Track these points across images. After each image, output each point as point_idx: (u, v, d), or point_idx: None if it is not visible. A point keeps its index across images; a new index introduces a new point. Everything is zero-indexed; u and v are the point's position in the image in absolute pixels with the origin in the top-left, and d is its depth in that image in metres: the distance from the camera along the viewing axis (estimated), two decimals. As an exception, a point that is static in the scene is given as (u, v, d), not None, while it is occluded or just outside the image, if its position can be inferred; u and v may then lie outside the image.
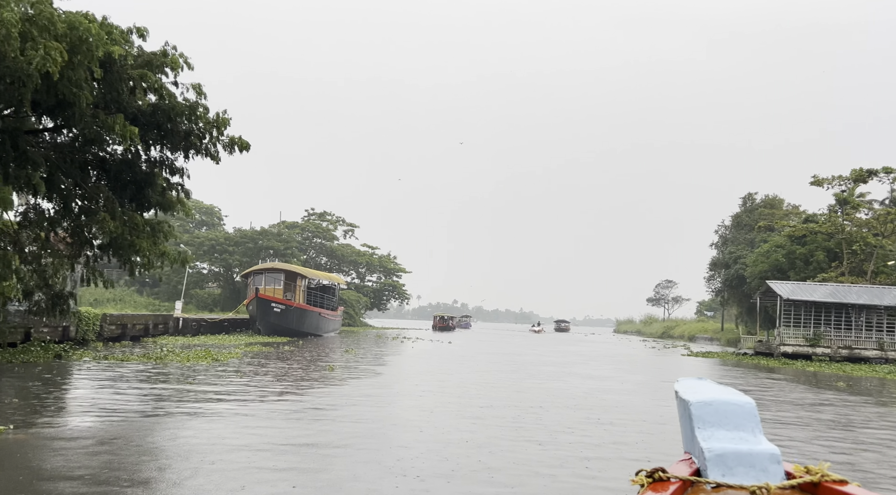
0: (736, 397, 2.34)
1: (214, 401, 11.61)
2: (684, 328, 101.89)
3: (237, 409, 10.80)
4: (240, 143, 16.26)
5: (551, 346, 43.54)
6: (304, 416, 10.40)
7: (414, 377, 17.31)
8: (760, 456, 2.07)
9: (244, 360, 20.27)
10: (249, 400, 11.90)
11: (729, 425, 2.22)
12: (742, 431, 2.20)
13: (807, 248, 49.88)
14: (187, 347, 25.40)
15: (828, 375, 25.44)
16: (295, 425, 9.62)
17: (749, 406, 2.28)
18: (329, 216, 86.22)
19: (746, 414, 2.24)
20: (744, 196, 77.90)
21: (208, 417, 9.98)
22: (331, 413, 10.81)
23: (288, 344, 31.81)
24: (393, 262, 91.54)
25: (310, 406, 11.54)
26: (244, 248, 68.33)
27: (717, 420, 2.23)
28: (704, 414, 2.24)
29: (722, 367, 28.23)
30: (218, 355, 21.13)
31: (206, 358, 19.96)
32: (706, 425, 2.22)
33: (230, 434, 8.69)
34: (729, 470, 2.08)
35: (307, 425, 9.65)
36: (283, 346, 28.85)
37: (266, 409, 11.00)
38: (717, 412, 2.24)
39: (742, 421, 2.22)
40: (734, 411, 2.24)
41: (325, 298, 46.26)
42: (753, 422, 2.23)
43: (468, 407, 12.11)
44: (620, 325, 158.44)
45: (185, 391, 12.81)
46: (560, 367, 23.78)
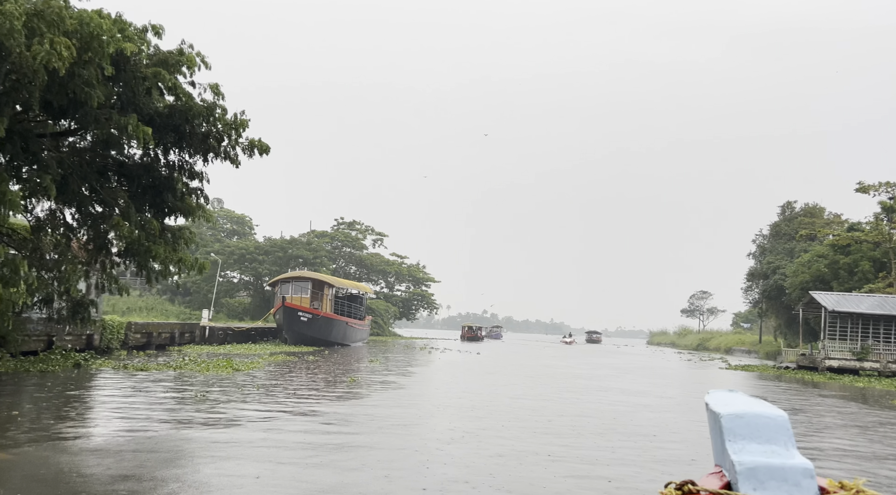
0: (768, 410, 2.27)
1: (219, 424, 10.97)
2: (720, 340, 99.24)
3: (238, 437, 10.12)
4: (259, 146, 15.74)
5: (583, 358, 42.38)
6: (320, 446, 9.69)
7: (440, 392, 16.52)
8: (793, 470, 2.00)
9: (265, 371, 19.70)
10: (255, 421, 11.23)
11: (761, 438, 2.16)
12: (774, 445, 2.15)
13: (851, 258, 47.96)
14: (212, 356, 25.00)
15: (881, 392, 23.97)
16: (308, 458, 8.90)
17: (782, 419, 2.22)
18: (358, 225, 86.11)
19: (779, 428, 2.18)
20: (783, 205, 75.73)
21: (203, 447, 9.32)
22: (351, 440, 10.08)
23: (313, 353, 31.28)
24: (422, 272, 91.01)
25: (325, 428, 10.83)
26: (274, 257, 68.39)
27: (749, 433, 2.18)
28: (736, 427, 2.19)
29: (763, 382, 26.88)
30: (240, 365, 20.60)
31: (226, 367, 19.44)
32: (737, 438, 2.17)
33: (213, 473, 8.00)
34: (760, 485, 2.01)
35: (324, 457, 8.93)
36: (307, 356, 28.30)
37: (275, 437, 10.31)
38: (748, 425, 2.19)
39: (774, 435, 2.17)
40: (766, 424, 2.18)
41: (352, 307, 45.77)
42: (786, 436, 2.18)
43: (497, 432, 11.28)
44: (654, 337, 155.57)
45: (194, 404, 12.21)
46: (594, 381, 22.77)
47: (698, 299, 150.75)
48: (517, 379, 21.43)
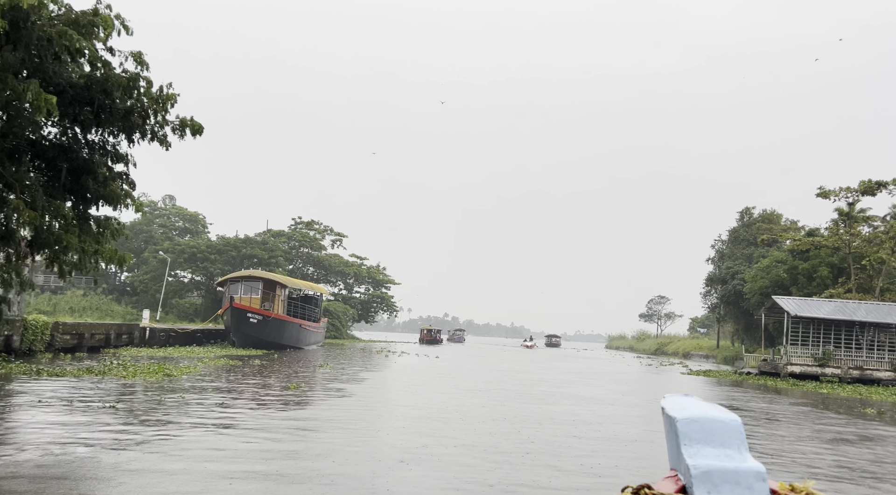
0: (722, 414, 2.27)
1: (120, 445, 9.36)
2: (678, 344, 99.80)
3: (140, 462, 8.55)
4: (192, 126, 14.12)
5: (544, 363, 41.35)
6: (234, 477, 8.18)
7: (391, 401, 15.06)
8: (746, 473, 2.01)
9: (200, 377, 17.98)
10: (164, 439, 9.65)
11: (715, 442, 2.17)
12: (728, 448, 2.15)
13: (810, 264, 48.02)
14: (146, 360, 23.13)
15: (846, 399, 23.35)
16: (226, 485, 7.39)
17: (735, 423, 2.22)
18: (317, 225, 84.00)
19: (732, 432, 2.18)
20: (741, 210, 76.23)
21: (94, 474, 7.74)
22: (273, 467, 8.58)
23: (262, 357, 29.49)
24: (382, 274, 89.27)
25: (243, 449, 9.31)
26: (227, 257, 66.00)
27: (704, 437, 2.18)
28: (691, 431, 2.19)
29: (727, 389, 26.11)
30: (174, 370, 18.83)
31: (157, 373, 17.67)
32: (692, 442, 2.17)
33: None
34: (714, 488, 2.01)
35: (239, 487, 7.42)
36: (253, 360, 26.55)
37: (172, 466, 8.75)
38: (703, 429, 2.19)
39: (728, 439, 2.17)
40: (721, 428, 2.19)
41: (306, 309, 43.96)
42: (739, 440, 2.18)
43: (448, 453, 9.91)
44: (612, 341, 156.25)
45: (102, 416, 10.56)
46: (556, 387, 21.59)
47: (656, 304, 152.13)
48: (476, 387, 20.09)
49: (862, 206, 52.49)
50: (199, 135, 14.32)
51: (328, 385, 17.19)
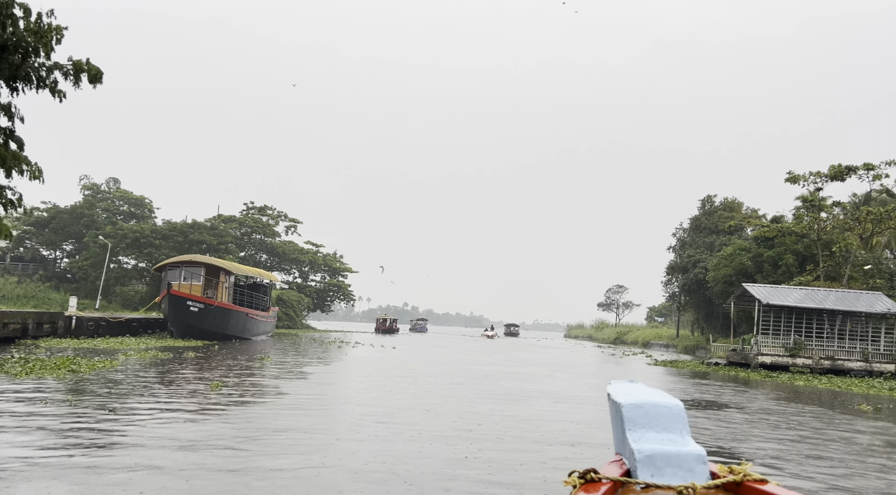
0: (666, 400, 2.30)
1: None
2: (637, 334, 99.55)
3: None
4: (89, 71, 11.60)
5: (507, 353, 39.53)
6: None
7: (334, 406, 12.82)
8: (688, 457, 2.07)
9: (115, 372, 15.46)
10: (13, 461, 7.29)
11: (658, 427, 2.20)
12: (671, 433, 2.18)
13: (775, 251, 47.17)
14: (68, 352, 20.46)
15: (829, 393, 21.98)
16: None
17: (678, 408, 2.24)
18: (270, 210, 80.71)
19: (675, 417, 2.21)
20: (703, 198, 75.73)
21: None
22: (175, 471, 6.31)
23: (199, 349, 26.89)
24: (339, 261, 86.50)
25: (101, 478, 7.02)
26: (173, 242, 62.55)
27: (648, 422, 2.21)
28: (635, 417, 2.21)
29: (697, 382, 24.58)
30: (84, 365, 16.26)
31: (61, 368, 15.11)
32: (637, 427, 2.20)
33: None
34: (658, 471, 2.05)
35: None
36: (188, 352, 23.96)
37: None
38: (647, 414, 2.22)
39: (671, 423, 2.20)
40: (664, 413, 2.22)
41: (254, 297, 41.24)
42: (682, 424, 2.21)
43: (404, 457, 7.76)
44: (571, 330, 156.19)
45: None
46: (522, 382, 19.64)
47: (614, 293, 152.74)
48: (435, 384, 17.97)
49: (823, 195, 52.23)
50: (98, 84, 11.80)
51: (261, 382, 14.86)
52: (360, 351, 33.41)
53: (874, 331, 31.81)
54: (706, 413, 14.09)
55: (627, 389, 2.52)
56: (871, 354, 31.27)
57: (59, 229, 67.74)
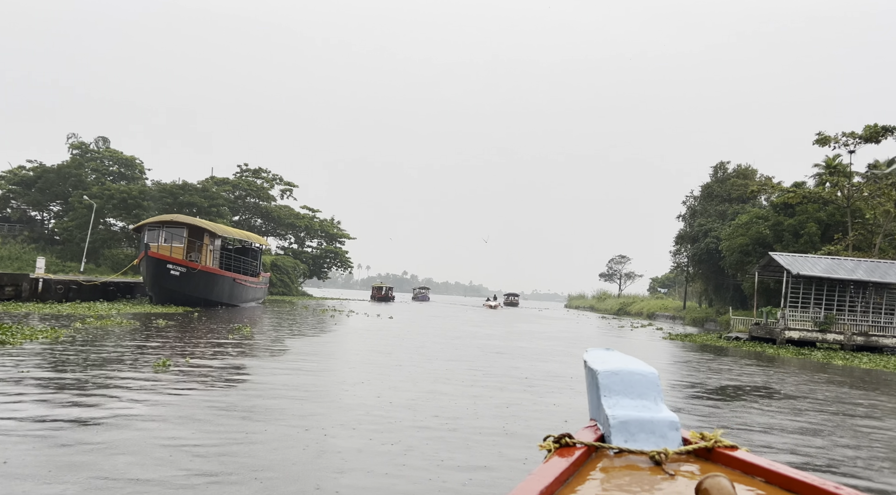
0: (641, 367, 2.33)
1: None
2: (642, 305, 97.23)
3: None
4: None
5: (512, 325, 37.10)
6: None
7: (301, 402, 10.17)
8: (661, 423, 2.10)
9: (55, 345, 12.91)
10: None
11: (633, 394, 2.24)
12: (645, 399, 2.22)
13: (796, 220, 44.43)
14: (17, 318, 17.96)
15: (878, 374, 19.50)
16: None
17: (652, 376, 2.28)
18: (265, 173, 77.75)
19: (650, 384, 2.25)
20: (715, 165, 72.63)
21: None
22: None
23: (175, 316, 24.39)
24: (336, 227, 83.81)
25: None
26: (162, 204, 59.88)
27: (623, 389, 2.25)
28: (611, 384, 2.26)
29: (730, 359, 22.11)
30: (20, 335, 13.72)
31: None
32: (612, 393, 2.24)
33: None
34: (631, 437, 2.10)
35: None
36: (159, 320, 21.44)
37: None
38: (622, 381, 2.26)
39: (645, 390, 2.24)
40: (639, 380, 2.26)
41: (243, 262, 38.72)
42: (656, 391, 2.25)
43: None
44: (572, 300, 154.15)
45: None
46: (540, 361, 17.13)
47: (616, 263, 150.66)
48: (447, 363, 15.44)
49: (846, 161, 49.33)
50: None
51: (222, 363, 12.29)
52: (353, 320, 30.93)
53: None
54: (780, 407, 11.51)
55: (604, 357, 2.52)
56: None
57: (45, 189, 64.94)
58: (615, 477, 1.83)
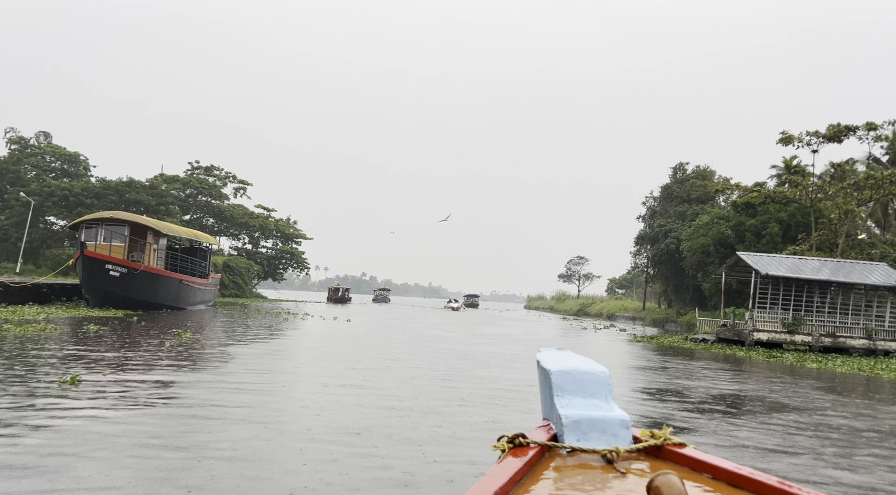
0: (592, 367, 2.37)
1: None
2: (602, 306, 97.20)
3: None
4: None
5: (478, 328, 35.81)
6: None
7: (251, 412, 8.65)
8: (612, 422, 2.14)
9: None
10: None
11: (585, 393, 2.27)
12: (597, 398, 2.26)
13: (758, 220, 44.26)
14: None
15: (857, 379, 18.77)
16: None
17: (604, 375, 2.31)
18: (217, 170, 74.97)
19: (601, 383, 2.29)
20: (674, 166, 72.72)
21: None
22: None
23: (111, 321, 22.36)
24: (292, 227, 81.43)
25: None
26: (106, 202, 56.88)
27: (575, 388, 2.28)
28: (563, 383, 2.29)
29: (704, 363, 21.23)
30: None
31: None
32: (564, 393, 2.27)
33: None
34: (583, 436, 2.12)
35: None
36: (91, 325, 19.45)
37: None
38: (575, 381, 2.29)
39: (597, 390, 2.28)
40: (591, 380, 2.29)
41: (191, 262, 36.56)
42: (607, 390, 2.28)
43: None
44: (531, 301, 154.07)
45: None
46: (517, 370, 15.82)
47: (575, 264, 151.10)
48: (395, 380, 13.98)
49: (798, 161, 49.50)
50: None
51: (147, 374, 10.61)
52: (308, 324, 29.21)
53: (879, 306, 28.97)
54: (802, 427, 10.39)
55: (556, 357, 2.55)
56: (874, 331, 28.44)
57: (-24, 183, 61.28)
58: (568, 477, 1.86)
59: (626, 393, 12.13)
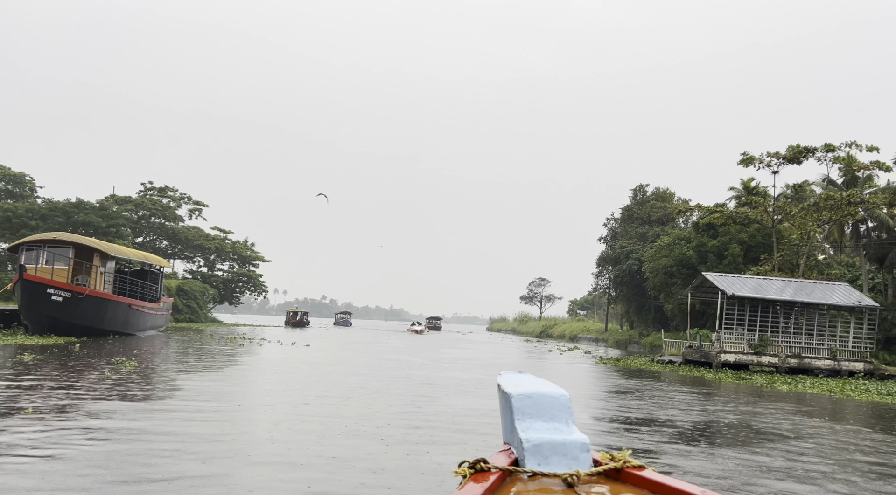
0: (552, 390, 2.37)
1: None
2: (564, 327, 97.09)
3: None
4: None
5: (442, 352, 34.84)
6: None
7: (191, 458, 7.59)
8: (572, 445, 2.16)
9: None
10: None
11: (545, 416, 2.28)
12: (557, 422, 2.26)
13: (720, 241, 44.53)
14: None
15: (831, 401, 18.41)
16: None
17: (564, 398, 2.32)
18: (171, 191, 72.81)
19: (561, 406, 2.30)
20: (634, 188, 73.39)
21: None
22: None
23: (50, 349, 20.80)
24: (249, 250, 79.45)
25: None
26: (52, 223, 54.44)
27: (535, 412, 2.28)
28: (524, 406, 2.29)
29: (676, 387, 20.71)
30: None
31: None
32: (525, 416, 2.27)
33: None
34: (544, 460, 2.13)
35: None
36: (25, 354, 17.95)
37: None
38: (535, 404, 2.29)
39: (558, 413, 2.28)
40: (551, 403, 2.30)
41: (141, 286, 34.86)
42: (567, 413, 2.29)
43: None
44: (494, 323, 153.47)
45: None
46: (489, 397, 14.95)
47: (537, 286, 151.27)
48: (356, 415, 12.97)
49: (756, 183, 50.15)
50: None
51: (77, 410, 9.46)
52: (266, 350, 27.89)
53: (843, 326, 29.02)
54: (801, 453, 9.71)
55: (517, 380, 2.55)
56: (838, 351, 28.43)
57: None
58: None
59: (598, 423, 11.39)
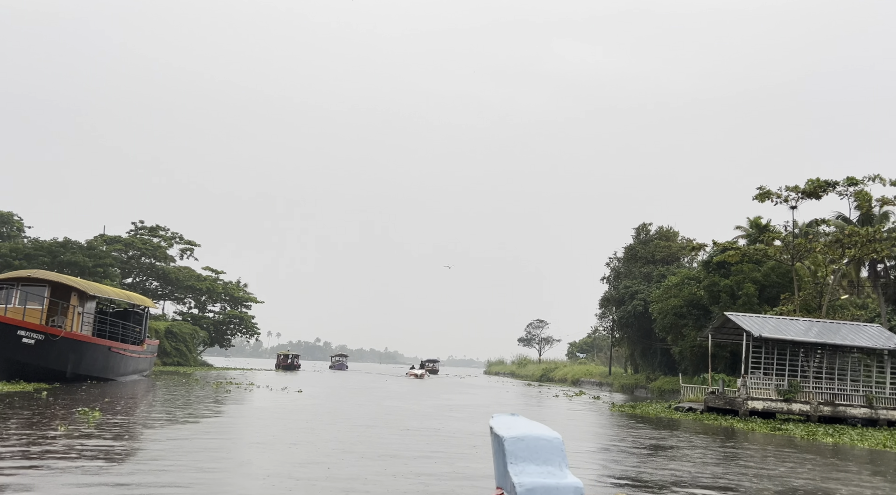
0: (546, 433, 2.36)
1: None
2: (566, 371, 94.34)
3: None
4: None
5: (443, 398, 32.51)
6: None
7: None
8: (566, 489, 2.16)
9: None
10: None
11: (539, 459, 2.28)
12: (550, 465, 2.27)
13: (733, 280, 42.73)
14: None
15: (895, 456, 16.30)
16: None
17: (557, 441, 2.34)
18: (162, 231, 70.89)
19: (554, 449, 2.31)
20: (637, 227, 71.87)
21: None
22: None
23: (17, 397, 18.59)
24: (242, 290, 77.16)
25: None
26: (37, 263, 52.25)
27: (528, 455, 2.29)
28: (517, 450, 2.31)
29: (714, 439, 18.55)
30: None
31: None
32: (518, 460, 2.28)
33: None
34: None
35: None
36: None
37: None
38: (528, 447, 2.30)
39: (550, 456, 2.29)
40: (544, 446, 2.30)
41: (124, 327, 32.66)
42: (560, 457, 2.31)
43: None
44: (491, 366, 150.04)
45: None
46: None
47: (535, 328, 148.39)
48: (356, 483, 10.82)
49: (767, 220, 48.57)
50: None
51: (8, 477, 7.39)
52: (255, 397, 25.61)
53: (878, 371, 26.98)
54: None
55: (509, 423, 2.56)
56: (875, 398, 26.33)
57: None
58: None
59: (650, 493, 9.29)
